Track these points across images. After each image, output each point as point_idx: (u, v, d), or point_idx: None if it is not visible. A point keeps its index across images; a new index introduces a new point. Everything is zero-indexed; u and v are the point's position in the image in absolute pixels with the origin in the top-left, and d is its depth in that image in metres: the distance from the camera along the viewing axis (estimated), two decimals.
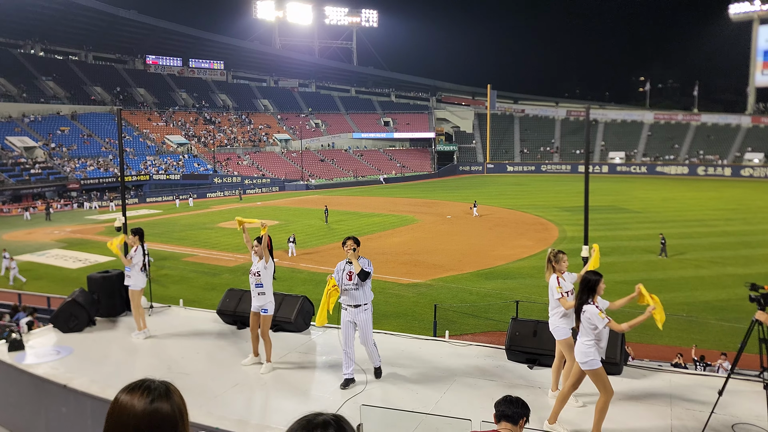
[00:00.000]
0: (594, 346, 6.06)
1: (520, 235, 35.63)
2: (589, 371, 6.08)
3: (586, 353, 6.07)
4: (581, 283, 6.25)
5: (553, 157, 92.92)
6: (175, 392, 1.86)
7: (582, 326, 6.13)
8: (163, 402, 1.79)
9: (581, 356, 6.10)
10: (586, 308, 6.06)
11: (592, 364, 6.04)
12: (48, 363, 8.42)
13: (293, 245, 30.55)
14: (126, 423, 1.75)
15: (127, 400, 1.79)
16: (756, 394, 6.60)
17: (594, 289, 6.12)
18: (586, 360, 6.07)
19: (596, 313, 6.00)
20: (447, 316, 19.18)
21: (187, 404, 1.91)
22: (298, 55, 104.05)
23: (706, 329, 18.49)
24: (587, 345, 6.05)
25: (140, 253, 9.85)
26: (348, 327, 7.82)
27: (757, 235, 34.13)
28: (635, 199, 53.16)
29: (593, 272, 6.34)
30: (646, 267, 26.60)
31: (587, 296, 6.11)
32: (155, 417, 1.76)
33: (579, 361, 6.15)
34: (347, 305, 7.83)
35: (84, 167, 62.18)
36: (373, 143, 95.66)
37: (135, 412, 1.76)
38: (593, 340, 6.06)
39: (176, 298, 14.02)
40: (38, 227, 43.77)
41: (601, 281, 6.17)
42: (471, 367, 8.21)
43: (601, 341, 6.11)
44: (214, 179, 68.21)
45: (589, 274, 6.25)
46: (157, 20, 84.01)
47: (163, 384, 1.86)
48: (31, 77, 74.57)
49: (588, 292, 6.11)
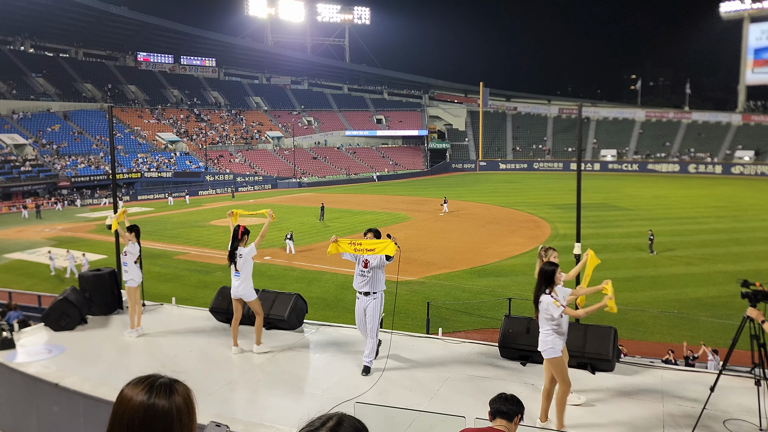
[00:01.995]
0: (553, 334, 6.21)
1: (513, 232, 35.72)
2: (549, 359, 6.23)
3: (545, 341, 6.25)
4: (539, 275, 6.38)
5: (545, 154, 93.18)
6: (180, 392, 1.83)
7: (540, 316, 6.30)
8: (162, 398, 1.77)
9: (542, 344, 6.29)
10: (543, 298, 6.21)
11: (551, 352, 6.21)
12: (39, 361, 8.37)
13: (291, 242, 30.43)
14: (123, 415, 1.75)
15: (128, 393, 1.78)
16: (747, 390, 6.65)
17: (551, 279, 6.24)
18: (545, 348, 6.24)
19: (551, 302, 6.14)
20: (440, 314, 19.21)
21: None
22: (291, 53, 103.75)
23: (696, 326, 18.62)
24: (546, 333, 6.24)
25: (137, 248, 9.85)
26: (361, 315, 8.11)
27: (748, 232, 34.39)
28: (627, 197, 53.41)
29: (549, 263, 6.47)
30: (638, 264, 26.74)
31: (545, 287, 6.24)
32: (150, 412, 1.74)
33: (540, 349, 6.32)
34: (360, 292, 8.12)
35: (75, 165, 61.79)
36: (365, 141, 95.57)
37: (132, 405, 1.75)
38: (552, 329, 6.22)
39: (168, 296, 13.95)
40: (29, 225, 43.49)
41: (557, 271, 6.30)
42: (464, 365, 8.23)
43: (561, 329, 6.25)
44: (206, 177, 67.95)
45: (546, 265, 6.38)
46: (148, 17, 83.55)
47: (170, 381, 1.83)
48: (21, 74, 73.98)
49: (546, 283, 6.25)
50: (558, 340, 6.24)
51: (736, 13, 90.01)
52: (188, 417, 1.83)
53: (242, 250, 8.81)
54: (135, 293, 9.73)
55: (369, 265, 7.98)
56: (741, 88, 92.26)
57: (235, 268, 8.78)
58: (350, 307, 20.44)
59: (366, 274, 8.01)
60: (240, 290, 8.76)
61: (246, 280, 8.77)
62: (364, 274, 8.04)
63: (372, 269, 7.97)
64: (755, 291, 6.00)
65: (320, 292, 22.33)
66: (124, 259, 9.88)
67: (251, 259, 8.87)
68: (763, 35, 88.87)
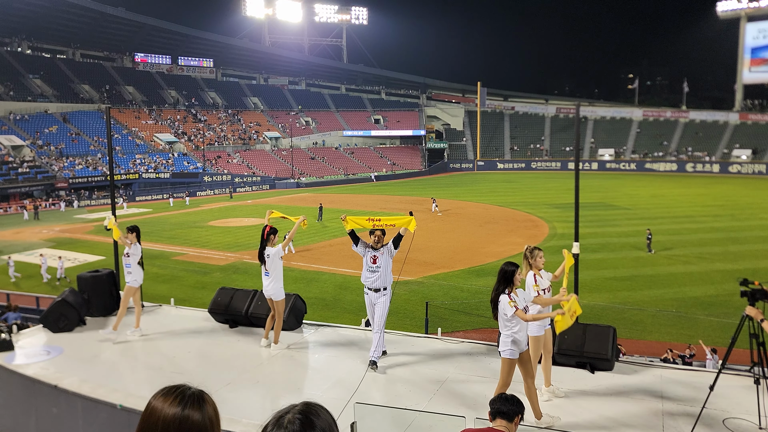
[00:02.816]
0: (511, 336, 6.23)
1: (511, 232, 35.74)
2: (504, 359, 6.29)
3: (505, 342, 6.28)
4: (499, 274, 6.39)
5: (543, 154, 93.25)
6: (209, 402, 1.82)
7: (498, 317, 6.31)
8: (195, 410, 1.76)
9: (501, 345, 6.33)
10: (501, 298, 6.23)
11: (509, 353, 6.25)
12: (38, 363, 8.35)
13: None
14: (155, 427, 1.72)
15: (159, 405, 1.76)
16: (746, 389, 6.66)
17: (510, 279, 6.27)
18: (504, 349, 6.28)
19: (507, 302, 6.16)
20: (438, 314, 19.21)
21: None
22: (288, 53, 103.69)
23: (695, 325, 18.63)
24: (506, 335, 6.26)
25: (139, 249, 9.85)
26: (372, 310, 8.25)
27: (745, 231, 34.43)
28: (624, 196, 53.46)
29: (510, 263, 6.46)
30: (636, 263, 26.77)
31: (504, 287, 6.27)
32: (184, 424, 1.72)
33: (499, 349, 6.38)
34: (368, 288, 8.18)
35: (72, 166, 61.68)
36: (363, 141, 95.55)
37: (165, 417, 1.73)
38: (510, 330, 6.23)
39: (167, 297, 13.93)
40: (26, 226, 43.41)
41: (517, 272, 6.30)
42: (464, 364, 8.23)
43: (519, 333, 6.25)
44: (204, 178, 67.87)
45: (506, 265, 6.39)
46: (145, 17, 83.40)
47: (198, 392, 1.82)
48: (18, 75, 73.82)
49: (504, 282, 6.27)
50: (518, 341, 6.25)
51: (733, 12, 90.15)
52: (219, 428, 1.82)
53: (270, 250, 8.95)
54: (136, 293, 9.74)
55: (378, 261, 8.01)
56: (738, 87, 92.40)
57: (264, 268, 8.96)
58: (349, 308, 20.52)
59: (376, 269, 8.06)
60: (269, 289, 8.93)
61: (275, 280, 8.89)
62: (374, 269, 8.09)
63: (381, 264, 8.02)
64: (754, 289, 6.00)
65: (319, 292, 22.30)
66: (126, 261, 9.85)
67: (279, 259, 8.96)
68: (759, 34, 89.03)
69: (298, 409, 1.71)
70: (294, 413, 1.69)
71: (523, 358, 6.32)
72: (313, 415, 1.69)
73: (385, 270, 8.08)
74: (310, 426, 1.65)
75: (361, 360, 8.29)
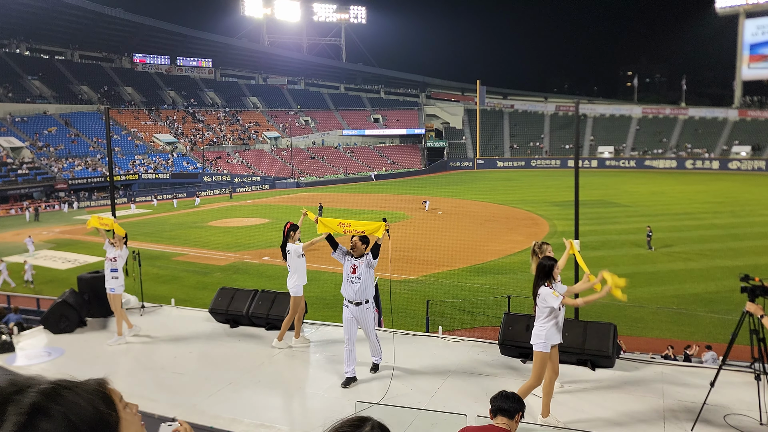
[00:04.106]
0: (547, 328, 6.30)
1: (511, 230, 35.74)
2: (537, 352, 6.32)
3: (538, 335, 6.34)
4: (537, 269, 6.47)
5: (542, 152, 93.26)
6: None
7: (538, 309, 6.39)
8: None
9: (534, 338, 6.37)
10: (541, 290, 6.31)
11: (542, 346, 6.29)
12: (39, 364, 8.36)
13: None
14: None
15: None
16: (747, 385, 6.66)
17: (549, 273, 6.35)
18: (537, 342, 6.33)
19: (550, 293, 6.23)
20: (439, 312, 19.21)
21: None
22: (287, 53, 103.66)
23: (696, 321, 18.64)
24: (541, 328, 6.32)
25: (126, 253, 9.75)
26: (350, 324, 7.64)
27: (745, 227, 34.43)
28: (624, 193, 53.45)
29: (548, 257, 6.58)
30: (636, 260, 26.77)
31: (543, 281, 6.36)
32: None
33: (532, 342, 6.41)
34: (348, 301, 7.67)
35: (71, 167, 61.67)
36: (363, 140, 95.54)
37: None
38: (547, 322, 6.30)
39: (167, 298, 13.94)
40: (27, 228, 43.39)
41: (555, 266, 6.40)
42: (464, 363, 8.23)
43: (558, 323, 6.35)
44: (204, 178, 67.87)
45: (545, 260, 6.48)
46: (143, 18, 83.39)
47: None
48: (17, 77, 73.79)
49: (544, 277, 6.36)
50: (552, 335, 6.29)
51: (732, 9, 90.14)
52: None
53: (290, 247, 8.96)
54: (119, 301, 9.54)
55: (357, 270, 7.51)
56: (737, 83, 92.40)
57: (287, 264, 9.09)
58: None
59: (356, 280, 7.54)
60: (289, 284, 9.03)
61: (293, 276, 8.93)
62: (353, 280, 7.56)
63: (361, 274, 7.51)
64: (754, 286, 6.01)
65: (319, 291, 22.29)
66: (113, 265, 9.51)
67: (298, 257, 9.00)
68: (758, 30, 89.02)
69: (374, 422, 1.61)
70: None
71: (553, 352, 6.36)
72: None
73: (365, 281, 7.56)
74: None
75: (362, 359, 8.29)
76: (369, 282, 7.63)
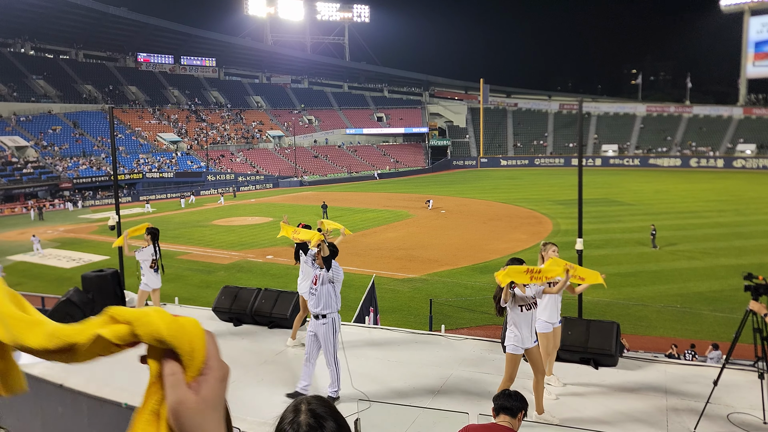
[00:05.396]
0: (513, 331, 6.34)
1: (515, 228, 35.70)
2: (507, 354, 6.40)
3: (508, 337, 6.42)
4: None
5: (546, 150, 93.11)
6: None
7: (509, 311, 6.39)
8: None
9: (506, 339, 6.46)
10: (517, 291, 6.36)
11: (512, 348, 6.35)
12: (43, 363, 8.37)
13: None
14: None
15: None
16: (751, 384, 6.65)
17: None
18: (508, 343, 6.40)
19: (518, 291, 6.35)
20: (442, 311, 19.22)
21: None
22: (290, 52, 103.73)
23: (700, 320, 18.60)
24: (509, 330, 6.39)
25: (148, 252, 9.84)
26: (310, 338, 7.27)
27: (750, 225, 34.32)
28: (628, 192, 53.34)
29: (516, 259, 6.58)
30: (639, 259, 26.72)
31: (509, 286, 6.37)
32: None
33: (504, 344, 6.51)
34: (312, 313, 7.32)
35: (76, 166, 61.86)
36: (366, 139, 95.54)
37: None
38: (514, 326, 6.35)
39: (171, 296, 13.98)
40: (31, 227, 43.55)
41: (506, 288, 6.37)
42: (467, 361, 8.23)
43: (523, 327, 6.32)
44: (208, 177, 67.99)
45: (512, 262, 6.49)
46: (147, 17, 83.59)
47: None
48: (22, 76, 74.03)
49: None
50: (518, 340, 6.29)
51: (737, 6, 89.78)
52: None
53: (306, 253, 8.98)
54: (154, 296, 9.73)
55: (318, 282, 7.16)
56: (742, 81, 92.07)
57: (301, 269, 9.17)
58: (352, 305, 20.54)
59: (314, 292, 7.18)
60: (301, 290, 9.08)
61: (305, 281, 8.85)
62: (312, 291, 7.21)
63: (319, 287, 7.13)
64: (758, 284, 5.99)
65: None
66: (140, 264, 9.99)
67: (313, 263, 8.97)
68: (763, 28, 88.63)
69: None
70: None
71: (530, 353, 6.34)
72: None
73: (321, 294, 7.12)
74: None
75: (365, 357, 8.31)
76: (326, 296, 7.15)
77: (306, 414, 1.62)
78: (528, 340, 6.33)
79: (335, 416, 1.62)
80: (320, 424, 1.59)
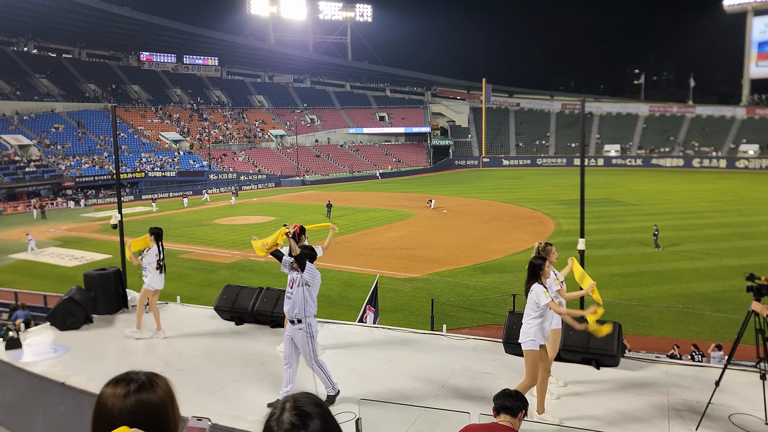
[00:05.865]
0: (536, 326, 6.26)
1: (516, 228, 35.68)
2: (526, 351, 6.28)
3: (527, 333, 6.30)
4: (528, 267, 6.48)
5: (548, 150, 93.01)
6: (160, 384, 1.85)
7: (527, 306, 6.37)
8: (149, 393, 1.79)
9: (523, 336, 6.34)
10: (534, 287, 6.30)
11: (531, 344, 6.26)
12: (45, 361, 8.41)
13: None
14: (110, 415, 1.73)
15: (110, 393, 1.77)
16: (753, 385, 6.64)
17: (538, 274, 6.36)
18: (526, 340, 6.30)
19: (541, 291, 6.23)
20: (444, 310, 19.22)
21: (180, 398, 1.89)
22: (293, 51, 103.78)
23: (702, 321, 18.57)
24: (529, 326, 6.29)
25: (153, 253, 9.80)
26: (288, 342, 7.08)
27: (753, 226, 34.25)
28: (630, 192, 53.27)
29: (538, 257, 6.54)
30: (642, 259, 26.68)
31: (534, 280, 6.36)
32: (140, 408, 1.74)
33: (520, 341, 6.38)
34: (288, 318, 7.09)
35: (79, 165, 61.96)
36: (368, 138, 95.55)
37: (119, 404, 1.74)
38: (535, 320, 6.28)
39: (173, 295, 14.01)
40: (34, 225, 43.62)
41: (545, 264, 6.40)
42: (469, 361, 8.23)
43: (544, 321, 6.31)
44: (210, 176, 68.05)
45: (534, 259, 6.46)
46: (150, 16, 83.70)
47: (147, 375, 1.85)
48: (25, 75, 74.17)
49: (534, 277, 6.37)
50: (540, 334, 6.27)
51: (740, 6, 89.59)
52: (173, 407, 1.84)
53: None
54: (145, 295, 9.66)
55: (294, 285, 6.97)
56: (745, 81, 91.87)
57: None
58: (354, 305, 20.51)
59: (290, 296, 6.98)
60: None
61: None
62: (288, 295, 7.02)
63: (296, 288, 6.93)
64: (760, 285, 5.98)
65: (324, 289, 22.27)
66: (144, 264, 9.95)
67: None
68: (766, 28, 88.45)
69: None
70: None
71: (543, 351, 6.35)
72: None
73: (296, 298, 6.92)
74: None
75: (366, 357, 8.31)
76: (302, 300, 6.93)
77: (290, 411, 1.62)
78: (547, 336, 6.37)
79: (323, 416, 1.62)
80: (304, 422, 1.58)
